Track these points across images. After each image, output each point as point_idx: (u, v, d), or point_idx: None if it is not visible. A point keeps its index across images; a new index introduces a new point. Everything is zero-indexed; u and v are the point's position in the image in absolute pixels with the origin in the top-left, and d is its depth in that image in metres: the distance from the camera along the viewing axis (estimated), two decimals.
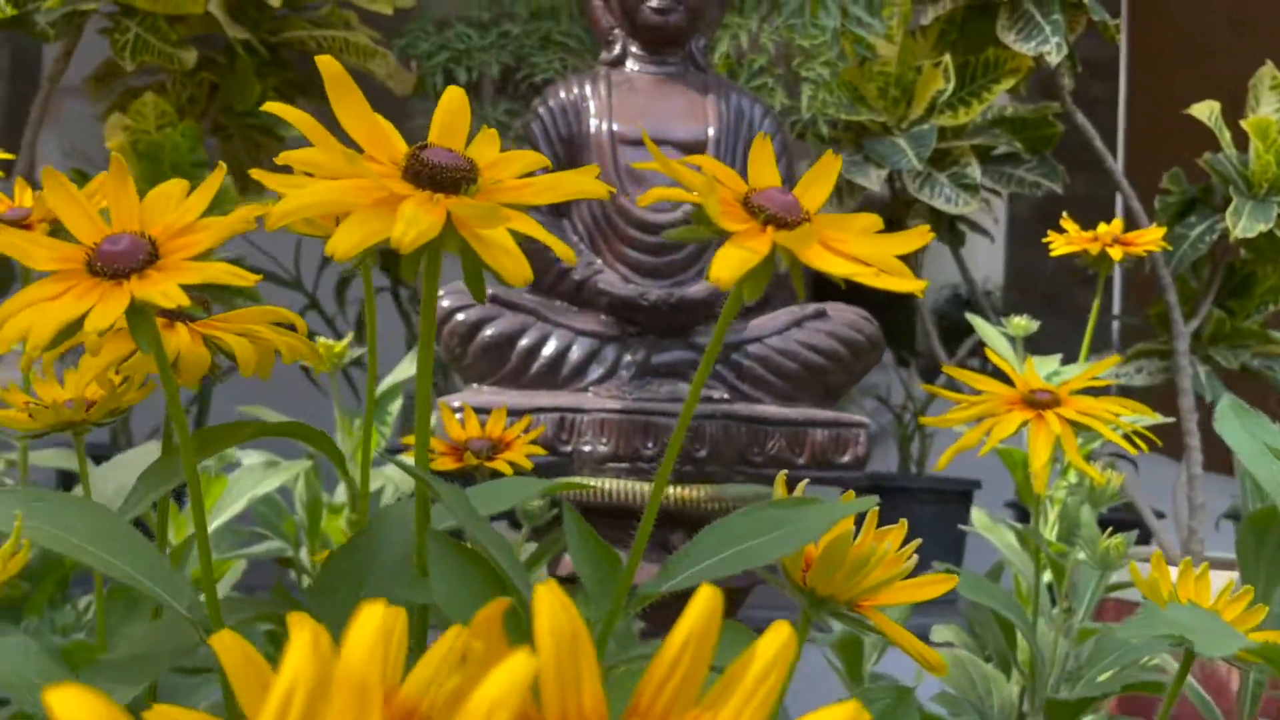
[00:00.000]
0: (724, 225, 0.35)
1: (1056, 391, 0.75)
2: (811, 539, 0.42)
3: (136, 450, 0.72)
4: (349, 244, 0.35)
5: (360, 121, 0.39)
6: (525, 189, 0.39)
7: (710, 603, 0.26)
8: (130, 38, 1.19)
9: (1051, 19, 1.33)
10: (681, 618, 0.26)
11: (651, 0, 1.09)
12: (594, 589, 0.45)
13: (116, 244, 0.35)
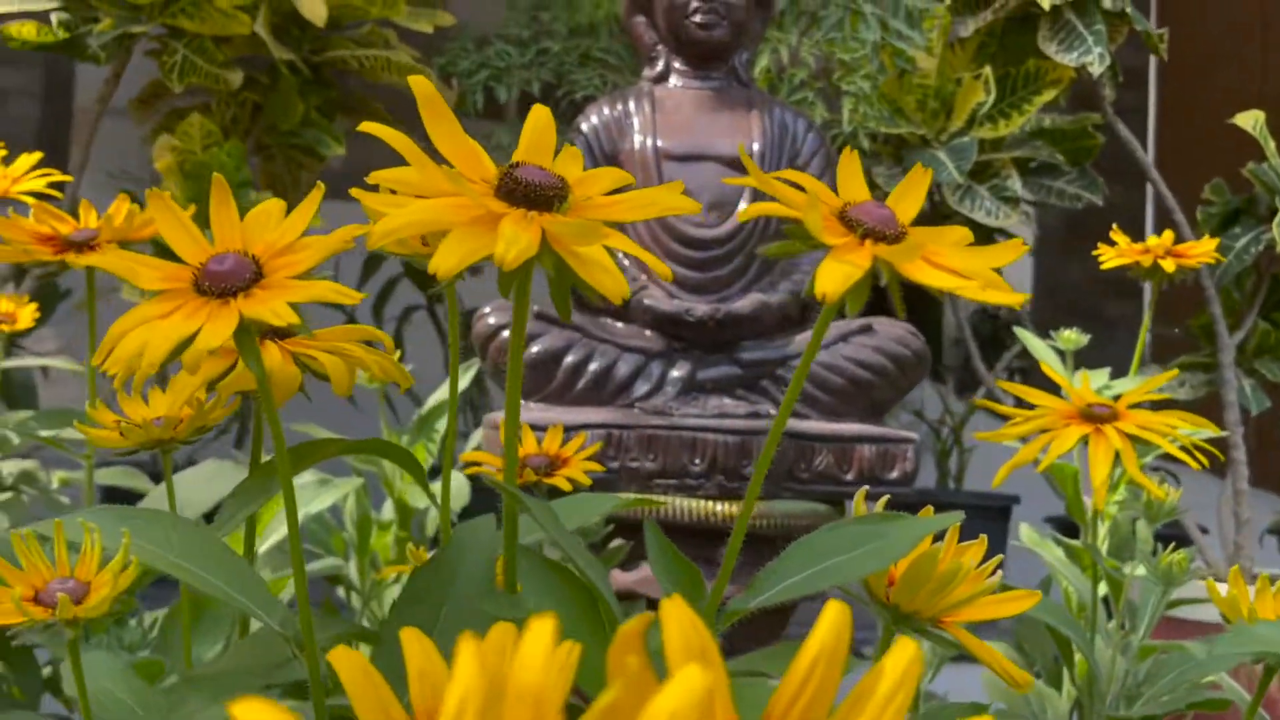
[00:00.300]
0: (825, 239, 0.35)
1: (1114, 405, 0.75)
2: (898, 556, 0.42)
3: (204, 466, 0.73)
4: (451, 262, 0.35)
5: (453, 142, 0.40)
6: (616, 205, 0.40)
7: (839, 619, 0.26)
8: (178, 60, 1.21)
9: (1094, 29, 1.32)
10: (811, 635, 0.26)
11: (695, 16, 1.09)
12: None
13: (222, 263, 0.35)
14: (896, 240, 0.35)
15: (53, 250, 0.68)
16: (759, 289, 1.09)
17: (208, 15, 1.18)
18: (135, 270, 0.35)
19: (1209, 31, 3.81)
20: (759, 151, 1.10)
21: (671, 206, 0.39)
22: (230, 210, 0.37)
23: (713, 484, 0.99)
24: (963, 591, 0.45)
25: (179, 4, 1.19)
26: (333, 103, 1.44)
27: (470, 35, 1.38)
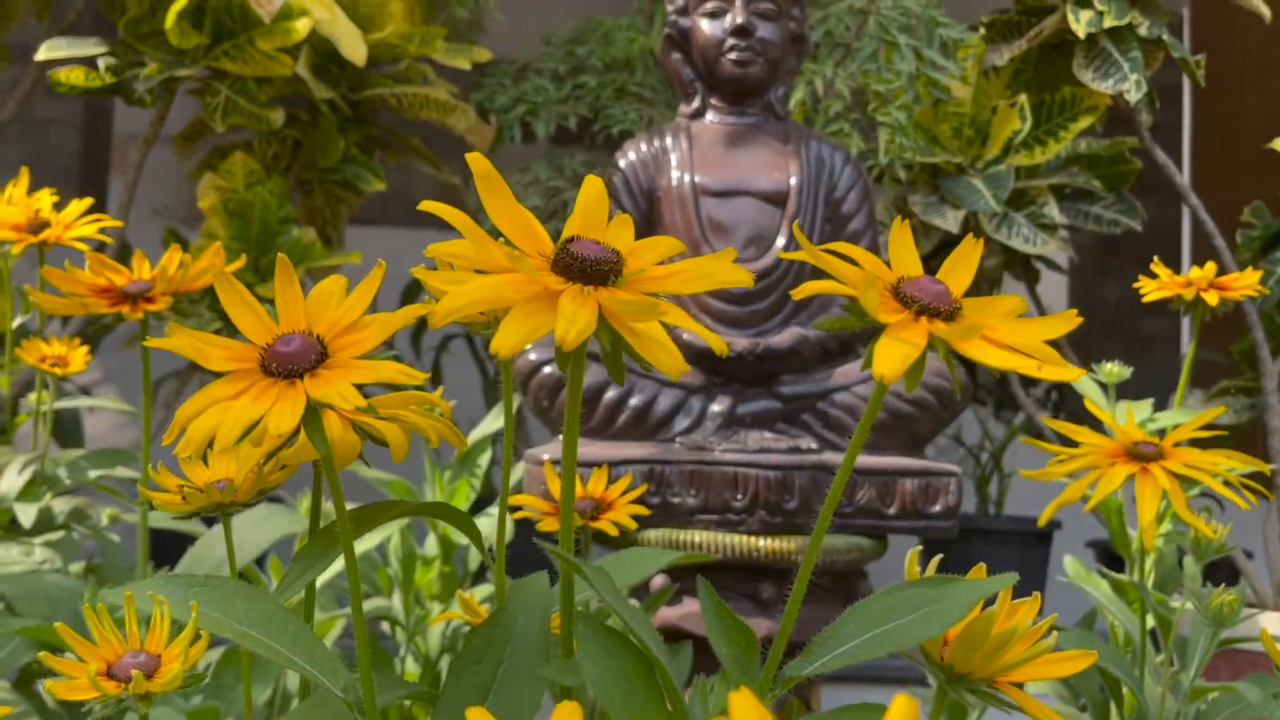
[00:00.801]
0: (881, 317, 0.35)
1: (1160, 444, 0.74)
2: (955, 619, 0.42)
3: (256, 509, 0.74)
4: (513, 341, 0.36)
5: (509, 216, 0.40)
6: (670, 278, 0.40)
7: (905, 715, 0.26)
8: (221, 100, 1.23)
9: (1130, 56, 1.32)
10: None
11: (731, 53, 1.10)
12: (731, 666, 0.45)
13: (289, 344, 0.36)
14: (952, 317, 0.36)
15: (109, 303, 0.70)
16: (798, 323, 1.09)
17: (250, 57, 1.20)
18: (203, 351, 0.36)
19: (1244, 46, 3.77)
20: (796, 185, 1.10)
21: (724, 280, 0.39)
22: (294, 289, 0.38)
23: (755, 520, 0.99)
24: (1016, 653, 0.45)
25: (222, 47, 1.21)
26: (372, 139, 1.46)
27: (507, 71, 1.40)
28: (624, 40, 1.34)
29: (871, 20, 1.28)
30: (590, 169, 1.36)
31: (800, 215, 1.10)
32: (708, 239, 1.10)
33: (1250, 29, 1.42)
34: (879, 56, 1.26)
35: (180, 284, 0.71)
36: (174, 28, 1.14)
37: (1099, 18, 1.30)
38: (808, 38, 1.15)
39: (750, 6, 1.09)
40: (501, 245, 0.40)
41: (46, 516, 0.97)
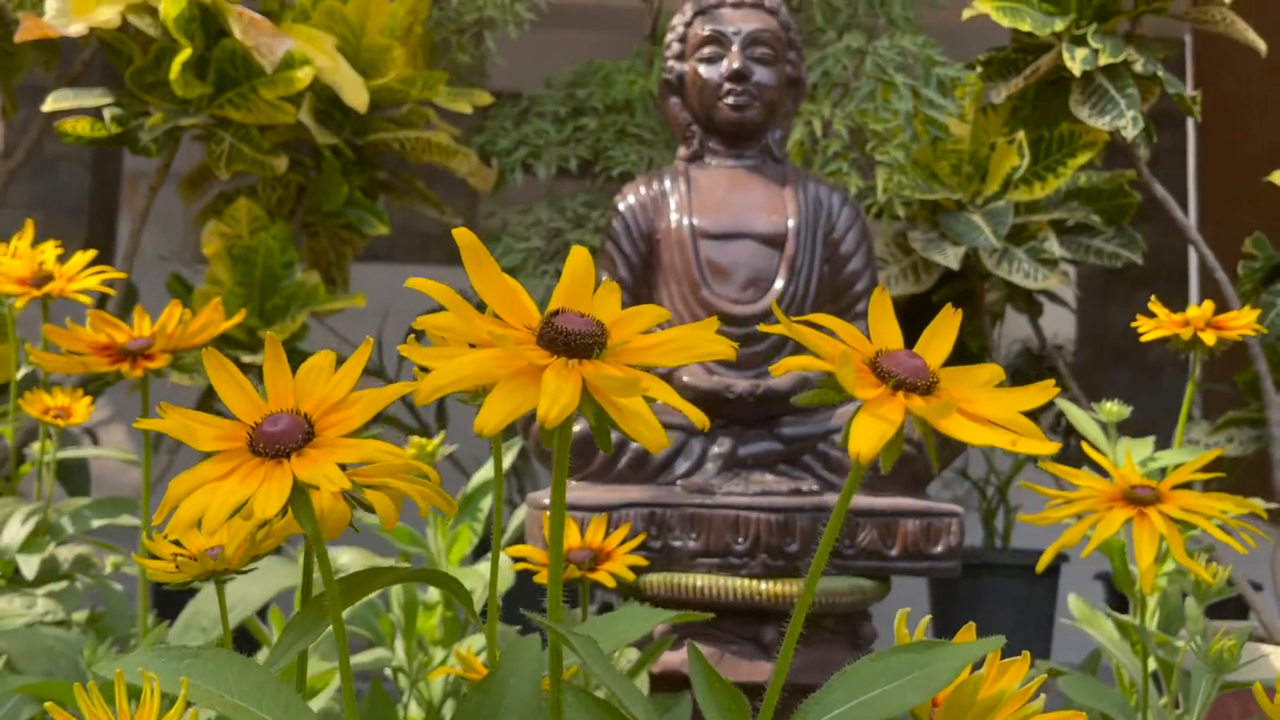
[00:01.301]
0: (857, 394, 0.36)
1: (1158, 487, 0.74)
2: (943, 684, 0.42)
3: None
4: (496, 420, 0.36)
5: (495, 289, 0.41)
6: (653, 350, 0.41)
7: None
8: (225, 148, 1.24)
9: (1126, 93, 1.33)
10: None
11: (728, 98, 1.11)
12: None
13: (276, 424, 0.36)
14: (929, 391, 0.36)
15: (109, 360, 0.71)
16: None
17: (254, 106, 1.22)
18: (193, 431, 0.37)
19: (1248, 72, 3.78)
20: (794, 227, 1.11)
21: (708, 352, 0.40)
22: (283, 366, 0.39)
23: (756, 563, 0.99)
24: (1005, 716, 0.45)
25: (226, 95, 1.23)
26: (376, 182, 1.47)
27: (508, 114, 1.41)
28: (624, 83, 1.36)
29: (869, 60, 1.30)
30: (591, 210, 1.37)
31: (798, 256, 1.11)
32: (707, 281, 1.10)
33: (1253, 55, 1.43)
34: (876, 96, 1.27)
35: (179, 341, 0.72)
36: (178, 78, 1.15)
37: (1094, 55, 1.31)
38: (804, 80, 1.16)
39: (746, 52, 1.11)
40: (488, 318, 0.41)
41: (50, 566, 0.97)
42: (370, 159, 1.43)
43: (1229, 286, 1.40)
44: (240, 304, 1.26)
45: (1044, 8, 1.38)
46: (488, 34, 1.38)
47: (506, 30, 1.35)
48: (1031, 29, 1.32)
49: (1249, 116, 3.95)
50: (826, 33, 1.34)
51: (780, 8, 1.14)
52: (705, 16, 1.13)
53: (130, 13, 1.15)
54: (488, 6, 1.34)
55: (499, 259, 1.35)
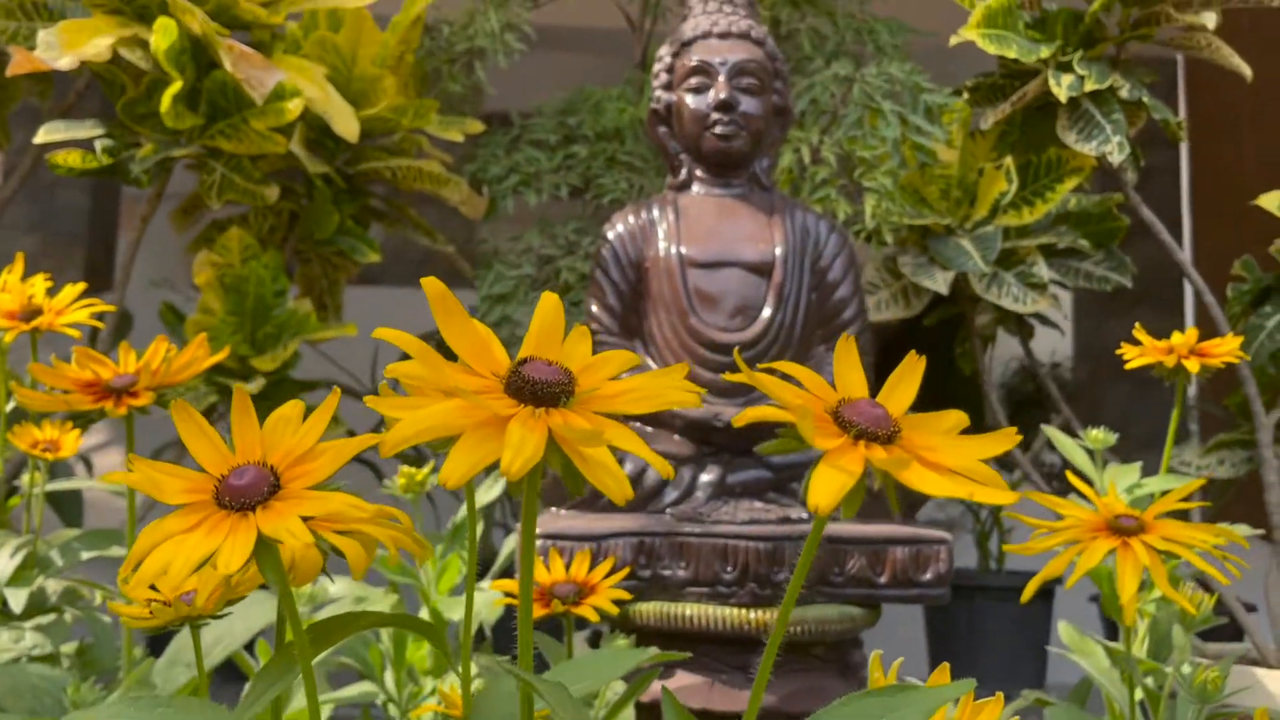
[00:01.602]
0: (818, 444, 0.36)
1: (1141, 517, 0.74)
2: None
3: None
4: (459, 473, 0.36)
5: (464, 338, 0.41)
6: (621, 398, 0.41)
7: None
8: (216, 178, 1.25)
9: (1112, 118, 1.33)
10: None
11: (715, 127, 1.12)
12: None
13: (242, 477, 0.37)
14: (891, 440, 0.36)
15: (93, 399, 0.71)
16: None
17: (245, 136, 1.22)
18: (159, 484, 0.37)
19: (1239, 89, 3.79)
20: (781, 255, 1.12)
21: (675, 400, 0.40)
22: (250, 418, 0.39)
23: (745, 592, 0.99)
24: None
25: (218, 126, 1.23)
26: (368, 209, 1.48)
27: (500, 142, 1.42)
28: (614, 110, 1.36)
29: (856, 88, 1.30)
30: (582, 236, 1.38)
31: (786, 284, 1.11)
32: (695, 309, 1.11)
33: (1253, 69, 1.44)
34: (864, 123, 1.27)
35: (164, 378, 0.72)
36: (169, 110, 1.16)
37: (1080, 81, 1.32)
38: (791, 110, 1.17)
39: (733, 82, 1.11)
40: (457, 367, 0.41)
41: (39, 598, 0.97)
42: (362, 186, 1.43)
43: (1218, 309, 1.40)
44: (232, 332, 1.26)
45: (1030, 34, 1.39)
46: (478, 63, 1.39)
47: (497, 60, 1.35)
48: (1018, 56, 1.33)
49: (1241, 134, 3.96)
50: (815, 60, 1.35)
51: (766, 38, 1.15)
52: (692, 47, 1.14)
53: (121, 45, 1.15)
54: (478, 36, 1.35)
55: (490, 286, 1.35)
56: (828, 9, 1.39)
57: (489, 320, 1.35)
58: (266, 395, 1.32)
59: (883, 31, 1.39)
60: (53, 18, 1.27)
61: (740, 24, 1.14)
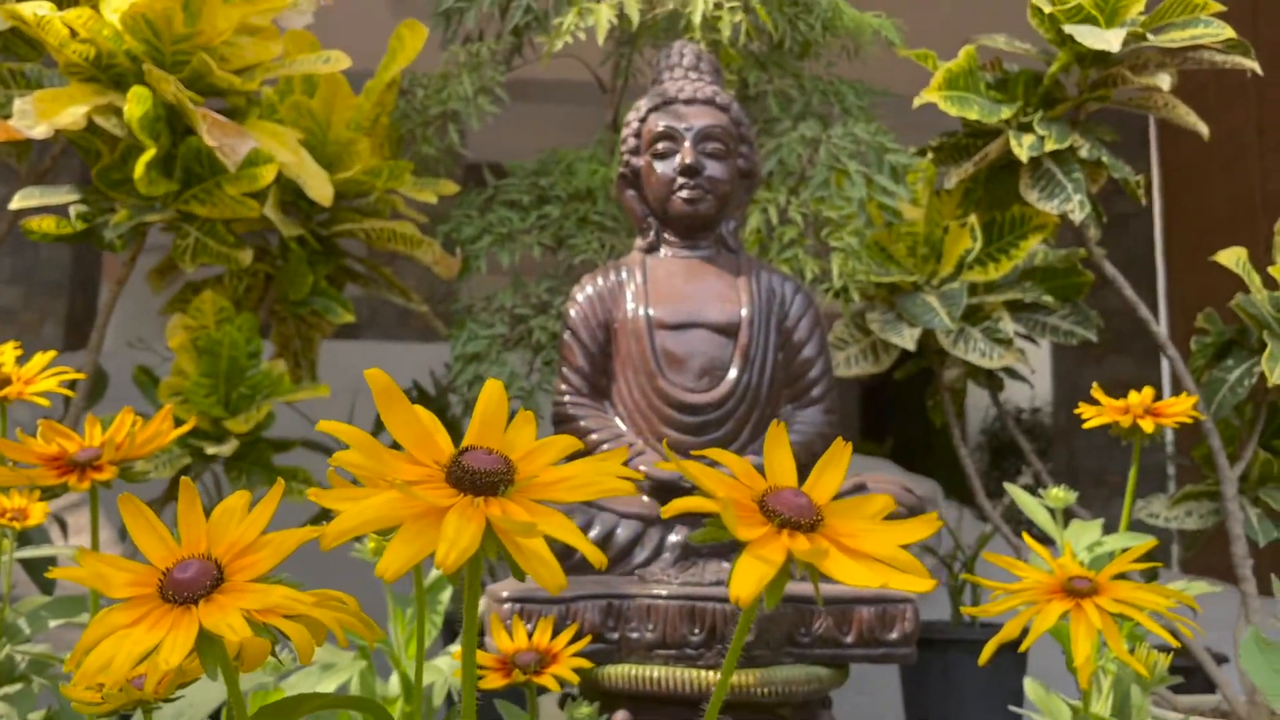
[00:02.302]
0: (740, 535, 0.37)
1: (1095, 579, 0.76)
2: None
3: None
4: (396, 565, 0.37)
5: (406, 429, 0.43)
6: (558, 486, 0.42)
7: None
8: (191, 242, 1.26)
9: (1073, 177, 1.36)
10: None
11: (682, 191, 1.14)
12: None
13: (185, 571, 0.38)
14: (814, 528, 0.38)
15: (56, 473, 0.72)
16: (752, 450, 1.11)
17: (219, 201, 1.24)
18: (106, 578, 0.38)
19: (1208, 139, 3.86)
20: (748, 317, 1.13)
21: (609, 489, 0.41)
22: (196, 511, 0.40)
23: (713, 653, 1.00)
24: None
25: (192, 191, 1.25)
26: (342, 270, 1.49)
27: (473, 202, 1.44)
28: (586, 171, 1.39)
29: (823, 149, 1.33)
30: (554, 295, 1.39)
31: (752, 346, 1.13)
32: (663, 370, 1.12)
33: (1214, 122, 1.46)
34: (831, 184, 1.30)
35: (129, 451, 0.73)
36: (143, 177, 1.18)
37: (1040, 142, 1.35)
38: (756, 172, 1.19)
39: (698, 147, 1.14)
40: (400, 456, 0.42)
41: (7, 667, 0.97)
42: (336, 247, 1.45)
43: (1180, 363, 1.42)
44: (205, 395, 1.27)
45: (992, 95, 1.42)
46: (452, 125, 1.41)
47: (470, 123, 1.38)
48: (979, 117, 1.36)
49: (1211, 182, 4.03)
50: (783, 121, 1.38)
51: (731, 104, 1.17)
52: (659, 113, 1.16)
53: (96, 114, 1.17)
54: (451, 100, 1.38)
55: (464, 345, 1.36)
56: (794, 72, 1.43)
57: (461, 379, 1.36)
58: (240, 456, 1.32)
59: (849, 93, 1.42)
60: (30, 85, 1.29)
61: (705, 90, 1.17)
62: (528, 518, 0.39)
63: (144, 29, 1.19)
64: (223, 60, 1.26)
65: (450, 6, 1.43)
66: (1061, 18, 1.34)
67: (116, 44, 1.20)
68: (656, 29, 1.40)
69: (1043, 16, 1.38)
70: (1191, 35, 1.32)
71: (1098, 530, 1.04)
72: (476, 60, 1.39)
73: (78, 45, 1.19)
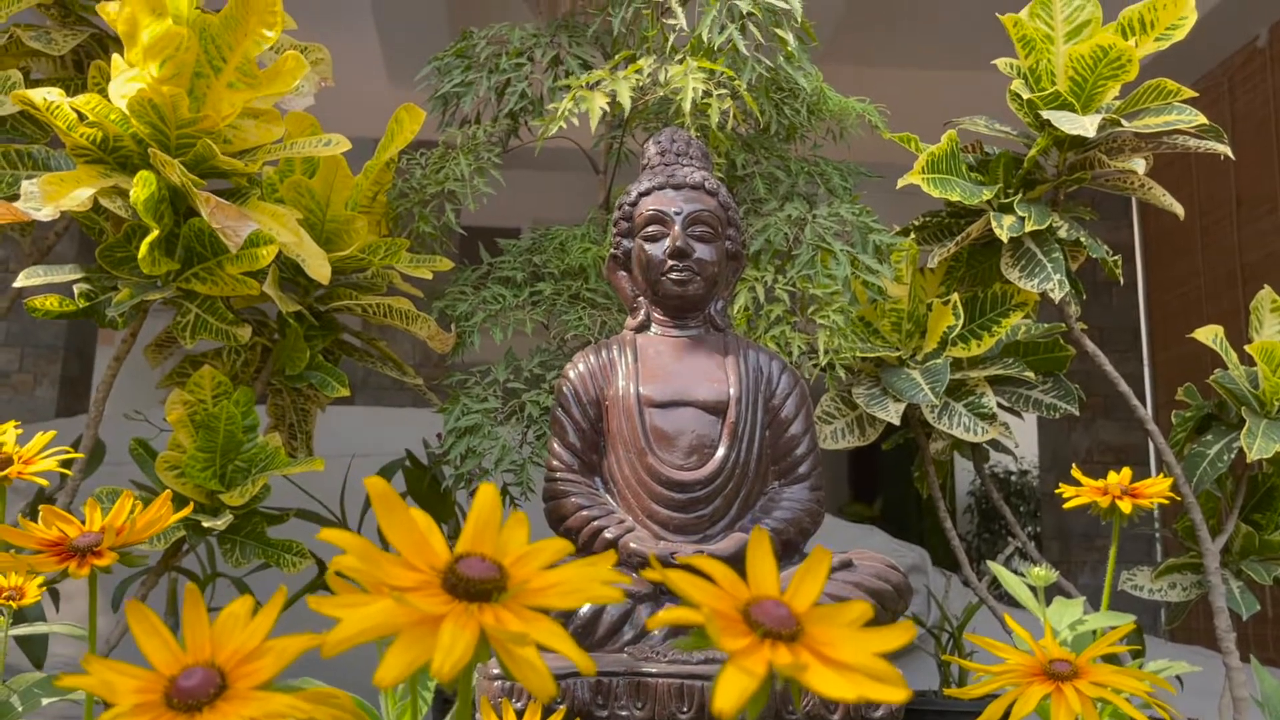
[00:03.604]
0: (724, 646, 0.39)
1: (1075, 662, 0.78)
2: None
3: None
4: (394, 674, 0.39)
5: (403, 535, 0.45)
6: (549, 591, 0.44)
7: None
8: (190, 319, 1.29)
9: (1052, 257, 1.40)
10: None
11: (671, 274, 1.17)
12: None
13: (190, 678, 0.40)
14: (794, 638, 0.40)
15: (57, 560, 0.73)
16: (741, 527, 1.13)
17: (220, 279, 1.27)
18: (113, 686, 0.40)
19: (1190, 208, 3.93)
20: (735, 395, 1.16)
21: (598, 596, 0.43)
22: (201, 615, 0.42)
23: None
24: None
25: (193, 270, 1.28)
26: (339, 344, 1.52)
27: (468, 280, 1.47)
28: (577, 250, 1.42)
29: (809, 229, 1.37)
30: (547, 371, 1.42)
31: (740, 424, 1.15)
32: (653, 448, 1.14)
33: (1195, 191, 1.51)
34: (816, 262, 1.33)
35: (129, 537, 0.75)
36: (146, 256, 1.21)
37: (1021, 222, 1.39)
38: (743, 254, 1.23)
39: (687, 231, 1.17)
40: (397, 561, 0.44)
41: None
42: (333, 321, 1.48)
43: (1160, 438, 1.45)
44: (202, 468, 1.28)
45: (973, 177, 1.46)
46: (449, 206, 1.45)
47: (467, 205, 1.41)
48: (961, 199, 1.40)
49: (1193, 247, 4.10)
50: (769, 202, 1.42)
51: (720, 189, 1.21)
52: (649, 198, 1.20)
53: (102, 196, 1.20)
54: (448, 181, 1.41)
55: (457, 421, 1.38)
56: (780, 154, 1.47)
57: (454, 453, 1.38)
58: (235, 529, 1.34)
59: (834, 174, 1.46)
60: (36, 165, 1.33)
61: (694, 176, 1.20)
62: (520, 625, 0.41)
63: (150, 114, 1.23)
64: (226, 143, 1.29)
65: (448, 91, 1.47)
66: (1039, 104, 1.39)
67: (123, 128, 1.23)
68: (648, 113, 1.44)
69: (1021, 102, 1.42)
70: (1165, 121, 1.37)
71: (1079, 609, 1.05)
72: (473, 143, 1.43)
73: (85, 129, 1.23)
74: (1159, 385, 4.01)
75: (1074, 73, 1.35)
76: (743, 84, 1.35)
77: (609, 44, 1.59)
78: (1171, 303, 4.15)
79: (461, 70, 1.51)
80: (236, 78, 1.29)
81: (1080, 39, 1.38)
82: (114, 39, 1.49)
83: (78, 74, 1.53)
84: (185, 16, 1.26)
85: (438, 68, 1.56)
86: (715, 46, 1.33)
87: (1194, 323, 3.63)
